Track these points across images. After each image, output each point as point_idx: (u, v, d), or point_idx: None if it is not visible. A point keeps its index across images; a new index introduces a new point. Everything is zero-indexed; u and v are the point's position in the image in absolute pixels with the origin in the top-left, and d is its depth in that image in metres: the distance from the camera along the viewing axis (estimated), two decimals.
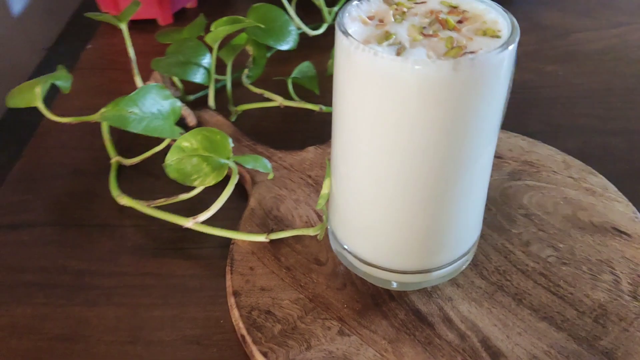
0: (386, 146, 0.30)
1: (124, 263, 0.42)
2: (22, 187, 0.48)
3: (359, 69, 0.28)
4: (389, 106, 0.28)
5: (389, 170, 0.30)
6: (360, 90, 0.29)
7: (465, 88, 0.27)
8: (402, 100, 0.27)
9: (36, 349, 0.36)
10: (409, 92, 0.27)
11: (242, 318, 0.36)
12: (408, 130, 0.28)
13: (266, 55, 0.55)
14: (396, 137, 0.29)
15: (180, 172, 0.36)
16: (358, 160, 0.31)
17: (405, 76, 0.26)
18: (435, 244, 0.34)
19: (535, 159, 0.45)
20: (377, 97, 0.28)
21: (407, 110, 0.28)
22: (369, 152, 0.30)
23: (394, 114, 0.28)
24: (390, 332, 0.34)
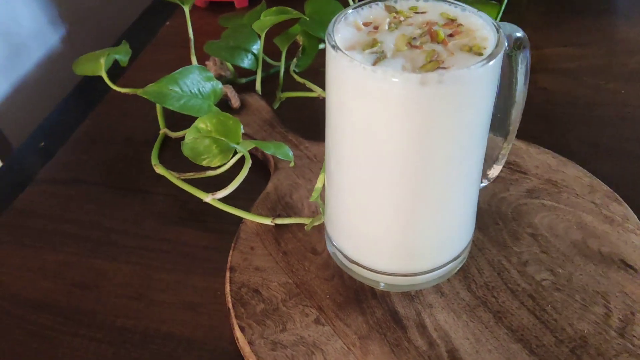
0: (361, 151, 0.31)
1: (147, 227, 0.46)
2: (80, 147, 0.54)
3: (338, 73, 0.29)
4: (362, 113, 0.29)
5: (365, 175, 0.31)
6: (339, 94, 0.30)
7: (432, 102, 0.27)
8: (372, 108, 0.28)
9: (58, 292, 0.41)
10: (378, 102, 0.28)
11: (231, 292, 0.38)
12: (379, 138, 0.29)
13: (317, 47, 0.56)
14: (369, 144, 0.30)
15: (194, 150, 0.39)
16: (340, 160, 0.33)
17: (374, 85, 0.27)
18: (414, 249, 0.35)
19: (560, 179, 0.44)
20: (352, 103, 0.29)
21: (377, 118, 0.29)
22: (348, 155, 0.32)
23: (366, 120, 0.29)
24: (363, 328, 0.36)
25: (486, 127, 0.31)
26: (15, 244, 0.45)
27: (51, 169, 0.52)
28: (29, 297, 0.41)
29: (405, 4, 0.32)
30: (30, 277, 0.42)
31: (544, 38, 0.63)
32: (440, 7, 0.32)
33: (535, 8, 0.69)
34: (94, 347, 0.38)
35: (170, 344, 0.38)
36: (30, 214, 0.47)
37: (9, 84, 0.65)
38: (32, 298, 0.41)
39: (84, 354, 0.38)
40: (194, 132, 0.39)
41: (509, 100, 0.36)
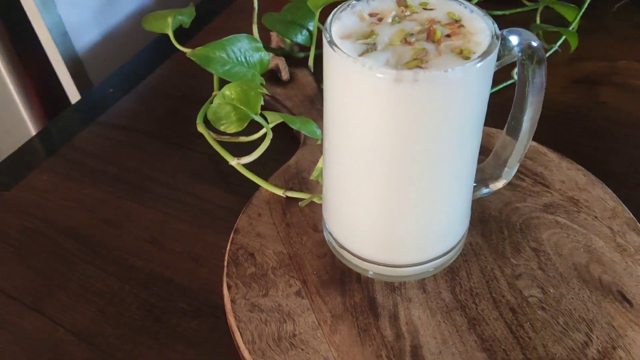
0: (345, 140, 0.31)
1: (178, 179, 0.49)
2: (140, 98, 0.58)
3: (327, 61, 0.30)
4: (345, 102, 0.30)
5: (350, 165, 0.32)
6: (328, 82, 0.31)
7: (406, 100, 0.28)
8: (353, 99, 0.29)
9: (88, 224, 0.46)
10: (358, 93, 0.28)
11: (229, 252, 0.41)
12: (359, 130, 0.30)
13: None
14: (351, 134, 0.31)
15: (216, 115, 0.41)
16: (330, 147, 0.34)
17: (354, 76, 0.28)
18: (396, 241, 0.35)
19: (584, 198, 0.42)
20: (337, 92, 0.30)
21: (357, 110, 0.29)
22: (336, 143, 0.33)
23: (348, 110, 0.30)
24: (338, 308, 0.37)
25: (472, 130, 0.31)
26: (65, 176, 0.50)
27: (111, 114, 0.57)
28: (63, 224, 0.46)
29: None
30: (68, 207, 0.47)
31: (622, 50, 0.59)
32: (449, 6, 0.31)
33: (625, 18, 0.64)
34: (103, 278, 0.42)
35: (168, 288, 0.41)
36: (84, 151, 0.52)
37: (99, 31, 0.71)
38: (65, 225, 0.46)
39: (93, 282, 0.42)
40: (220, 98, 0.42)
41: (520, 109, 0.35)
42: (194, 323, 0.39)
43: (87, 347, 0.38)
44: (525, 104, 0.35)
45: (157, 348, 0.38)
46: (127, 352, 0.38)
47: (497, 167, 0.38)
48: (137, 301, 0.40)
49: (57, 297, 0.41)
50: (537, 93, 0.33)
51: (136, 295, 0.41)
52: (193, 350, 0.38)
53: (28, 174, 0.51)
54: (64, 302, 0.41)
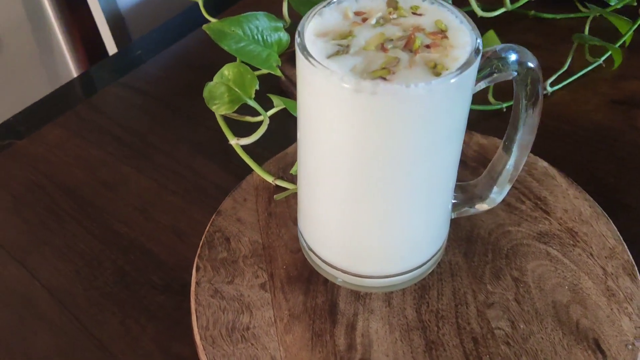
0: (308, 140, 0.30)
1: (181, 150, 0.49)
2: (163, 64, 0.59)
3: (298, 59, 0.28)
4: (308, 102, 0.28)
5: (314, 166, 0.31)
6: (299, 79, 0.29)
7: (365, 112, 0.26)
8: (315, 101, 0.28)
9: (86, 184, 0.47)
10: (318, 96, 0.27)
11: (206, 234, 0.40)
12: (320, 133, 0.29)
13: None
14: (312, 135, 0.29)
15: (211, 93, 0.41)
16: (300, 143, 0.32)
17: (317, 79, 0.26)
18: (358, 250, 0.34)
19: (583, 232, 0.39)
20: (303, 91, 0.29)
21: (317, 112, 0.28)
22: (302, 142, 0.31)
23: (310, 110, 0.28)
24: (298, 308, 0.36)
25: (440, 148, 0.29)
26: (75, 134, 0.51)
27: (133, 76, 0.57)
28: (63, 181, 0.47)
29: (410, 1, 0.30)
30: (72, 165, 0.48)
31: None
32: (440, 14, 0.29)
33: None
34: (87, 239, 0.43)
35: (145, 259, 0.41)
36: (99, 110, 0.53)
37: None
38: (65, 183, 0.47)
39: (77, 241, 0.43)
40: (219, 76, 0.41)
41: (514, 129, 0.33)
42: (161, 298, 0.39)
43: (55, 305, 0.39)
44: (519, 125, 0.32)
45: (120, 316, 0.38)
46: (91, 315, 0.38)
47: (488, 185, 0.36)
48: (112, 267, 0.41)
49: (41, 251, 0.42)
50: (530, 115, 0.31)
51: (113, 261, 0.41)
52: (153, 324, 0.38)
53: (42, 127, 0.52)
54: (46, 257, 0.42)
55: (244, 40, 0.47)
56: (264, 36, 0.48)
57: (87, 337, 0.37)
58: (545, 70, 0.56)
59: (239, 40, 0.47)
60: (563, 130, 0.49)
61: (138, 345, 0.37)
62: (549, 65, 0.56)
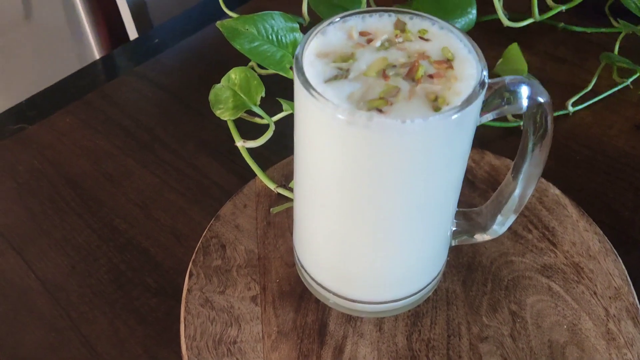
0: (302, 161, 0.29)
1: (187, 148, 0.49)
2: (179, 56, 0.58)
3: (296, 81, 0.27)
4: (304, 123, 0.27)
5: (307, 187, 0.30)
6: (295, 97, 0.28)
7: (358, 144, 0.25)
8: (309, 127, 0.27)
9: (89, 175, 0.47)
10: (313, 121, 0.26)
11: (203, 239, 0.40)
12: (314, 156, 0.28)
13: None
14: (305, 158, 0.28)
15: (216, 97, 0.40)
16: (296, 163, 0.31)
17: (311, 104, 0.25)
18: (349, 276, 0.33)
19: (589, 269, 0.37)
20: (299, 110, 0.27)
21: (312, 135, 0.27)
22: (297, 161, 0.30)
23: (306, 133, 0.27)
24: (287, 326, 0.35)
25: (437, 184, 0.28)
26: (84, 123, 0.51)
27: (147, 66, 0.56)
28: (68, 171, 0.47)
29: (418, 24, 0.29)
30: (78, 155, 0.48)
31: None
32: (448, 40, 0.28)
33: None
34: (86, 233, 0.43)
35: (141, 259, 0.41)
36: (109, 100, 0.53)
37: None
38: (69, 173, 0.47)
39: (76, 235, 0.43)
40: (225, 80, 0.40)
41: (522, 160, 0.31)
42: (153, 301, 0.39)
43: (48, 299, 0.39)
44: (525, 157, 0.31)
45: (110, 316, 0.38)
46: (82, 313, 0.38)
47: (493, 213, 0.35)
48: (108, 264, 0.41)
49: (40, 243, 0.42)
50: (537, 152, 0.29)
51: (109, 258, 0.41)
52: (142, 328, 0.38)
53: (53, 113, 0.52)
54: (44, 250, 0.42)
55: (257, 40, 0.46)
56: (278, 36, 0.46)
57: (76, 335, 0.37)
58: (569, 87, 0.55)
59: (253, 40, 0.46)
60: (581, 154, 0.47)
61: (125, 348, 0.37)
62: (574, 82, 0.53)
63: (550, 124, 0.29)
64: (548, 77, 0.54)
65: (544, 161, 0.31)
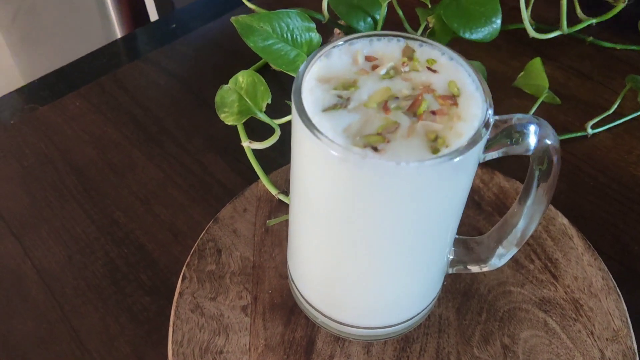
0: (298, 184, 0.28)
1: (194, 143, 0.48)
2: (194, 45, 0.57)
3: (293, 107, 0.26)
4: (299, 149, 0.26)
5: (299, 208, 0.29)
6: (293, 122, 0.27)
7: (350, 180, 0.24)
8: (303, 156, 0.26)
9: (93, 164, 0.46)
10: (307, 149, 0.25)
11: (199, 241, 0.40)
12: (308, 183, 0.27)
13: (450, 34, 0.50)
14: (301, 183, 0.27)
15: (222, 99, 0.39)
16: (292, 179, 0.31)
17: (306, 137, 0.24)
18: (338, 300, 0.32)
19: (589, 307, 0.36)
20: (295, 135, 0.27)
21: (306, 163, 0.26)
22: (292, 182, 0.30)
23: (301, 159, 0.27)
24: (275, 340, 0.35)
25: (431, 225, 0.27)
26: (94, 108, 0.51)
27: (162, 52, 0.56)
28: (74, 158, 0.47)
29: (427, 53, 0.28)
30: (85, 141, 0.48)
31: None
32: (456, 74, 0.26)
33: None
34: (85, 224, 0.43)
35: (138, 255, 0.41)
36: (121, 86, 0.53)
37: None
38: (75, 160, 0.47)
39: (75, 225, 0.43)
40: (232, 82, 0.39)
41: (525, 196, 0.30)
42: (146, 300, 0.39)
43: (42, 288, 0.39)
44: (529, 195, 0.30)
45: (102, 312, 0.38)
46: (74, 306, 0.38)
47: (493, 245, 0.34)
48: (104, 258, 0.41)
49: (39, 230, 0.42)
50: (541, 195, 0.28)
51: (106, 252, 0.41)
52: (133, 327, 0.38)
53: (65, 95, 0.52)
54: (43, 237, 0.42)
55: (272, 38, 0.45)
56: (293, 35, 0.45)
57: (66, 328, 0.38)
58: (591, 106, 0.53)
59: (267, 38, 0.44)
60: (596, 180, 0.46)
61: (113, 346, 0.37)
62: (596, 101, 0.52)
63: (556, 167, 0.28)
64: (570, 93, 0.52)
65: (549, 200, 0.30)
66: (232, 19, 0.45)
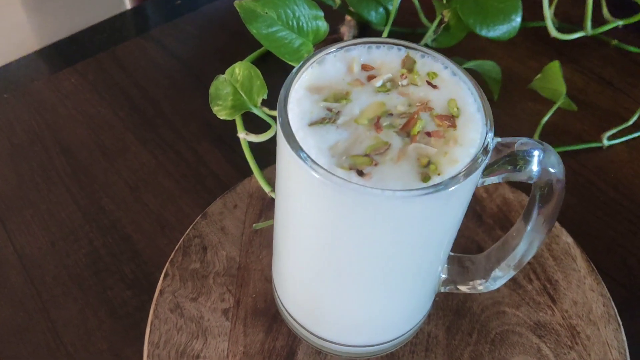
0: (283, 198, 0.26)
1: (190, 129, 0.46)
2: (198, 22, 0.55)
3: (278, 119, 0.24)
4: (283, 164, 0.25)
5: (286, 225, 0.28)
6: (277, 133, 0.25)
7: (331, 203, 0.22)
8: (286, 166, 0.24)
9: (84, 146, 0.45)
10: (290, 166, 0.23)
11: (185, 237, 0.38)
12: (290, 200, 0.25)
13: (466, 30, 0.48)
14: (284, 199, 0.26)
15: (217, 90, 0.37)
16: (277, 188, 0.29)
17: (289, 154, 0.22)
18: (319, 316, 0.31)
19: (586, 335, 0.34)
20: (280, 150, 0.25)
21: (290, 180, 0.24)
22: (277, 192, 0.28)
23: (283, 174, 0.25)
24: (254, 347, 0.34)
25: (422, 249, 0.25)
26: (90, 85, 0.49)
27: (164, 29, 0.54)
28: (65, 137, 0.45)
29: (429, 65, 0.25)
30: (77, 121, 0.46)
31: None
32: (457, 91, 0.24)
33: None
34: (71, 209, 0.41)
35: (122, 245, 0.40)
36: (119, 63, 0.51)
37: None
38: (65, 139, 0.45)
39: (61, 210, 0.41)
40: (229, 74, 0.37)
41: (525, 222, 0.28)
42: (127, 293, 0.38)
43: (22, 275, 0.38)
44: (529, 220, 0.28)
45: (81, 304, 0.37)
46: (53, 296, 0.37)
47: (489, 266, 0.32)
48: (88, 246, 0.40)
49: (24, 214, 0.41)
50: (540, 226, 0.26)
51: (90, 240, 0.40)
52: (111, 321, 0.36)
53: (61, 70, 0.50)
54: (27, 221, 0.41)
55: (276, 25, 0.42)
56: (300, 23, 0.43)
57: (43, 318, 0.37)
58: (609, 115, 0.50)
59: (271, 25, 0.42)
60: (606, 196, 0.43)
61: (90, 341, 0.36)
62: (615, 110, 0.49)
63: (559, 196, 0.26)
64: (588, 100, 0.50)
65: (549, 230, 0.28)
66: (235, 3, 0.43)
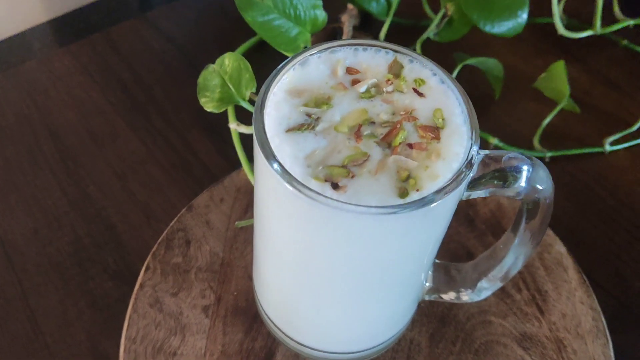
0: (260, 205, 0.26)
1: (182, 118, 0.45)
2: (197, 6, 0.53)
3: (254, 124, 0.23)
4: (258, 173, 0.24)
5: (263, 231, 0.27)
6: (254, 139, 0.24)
7: (306, 216, 0.21)
8: (261, 176, 0.23)
9: (73, 130, 0.44)
10: (264, 175, 0.22)
11: (169, 230, 0.37)
12: (267, 210, 0.24)
13: (467, 27, 0.46)
14: (260, 206, 0.25)
15: (205, 81, 0.36)
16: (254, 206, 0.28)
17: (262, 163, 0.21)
18: (299, 324, 0.30)
19: (572, 349, 0.33)
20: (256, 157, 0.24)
21: (265, 191, 0.23)
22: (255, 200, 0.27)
23: (259, 182, 0.24)
24: (232, 347, 0.33)
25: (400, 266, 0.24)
26: (82, 68, 0.48)
27: (161, 13, 0.53)
28: (54, 121, 0.44)
29: (417, 71, 0.24)
30: (68, 104, 0.46)
31: None
32: (444, 101, 0.23)
33: None
34: (56, 195, 0.41)
35: (107, 234, 0.39)
36: (113, 46, 0.50)
37: None
38: (54, 123, 0.44)
39: (46, 196, 0.41)
40: (218, 64, 0.36)
41: (513, 234, 0.27)
42: (109, 284, 0.37)
43: (3, 261, 0.38)
44: (517, 233, 0.27)
45: (61, 294, 0.37)
46: (34, 285, 0.37)
47: (475, 276, 0.31)
48: (71, 234, 0.39)
49: (8, 199, 0.40)
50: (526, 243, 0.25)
51: (74, 228, 0.39)
52: (91, 313, 0.36)
53: (55, 50, 0.49)
54: (11, 206, 0.40)
55: (272, 13, 0.41)
56: (297, 11, 0.42)
57: (23, 306, 0.36)
58: (613, 120, 0.48)
59: (267, 13, 0.41)
60: (605, 203, 0.42)
61: (68, 332, 0.35)
62: (620, 115, 0.47)
63: (547, 213, 0.24)
64: (592, 102, 0.48)
65: (536, 244, 0.27)
66: None
